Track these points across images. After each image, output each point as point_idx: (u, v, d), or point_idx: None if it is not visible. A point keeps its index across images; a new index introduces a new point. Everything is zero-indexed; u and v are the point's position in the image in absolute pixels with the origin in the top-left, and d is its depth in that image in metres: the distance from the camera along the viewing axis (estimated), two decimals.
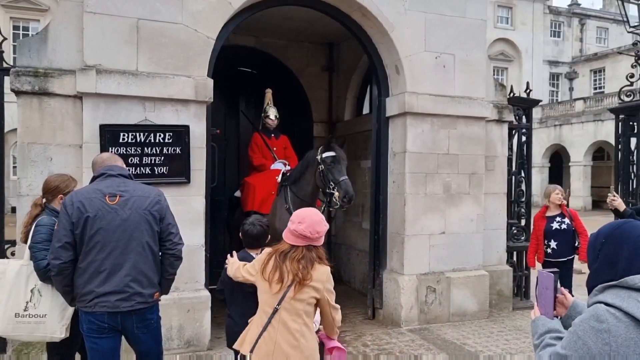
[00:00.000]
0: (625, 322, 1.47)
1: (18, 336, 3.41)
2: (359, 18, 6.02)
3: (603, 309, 1.52)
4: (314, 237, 2.73)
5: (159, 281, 3.21)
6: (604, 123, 25.78)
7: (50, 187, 3.44)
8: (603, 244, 1.68)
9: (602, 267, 1.66)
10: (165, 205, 3.24)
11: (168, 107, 5.00)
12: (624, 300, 1.50)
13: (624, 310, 1.48)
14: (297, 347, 2.67)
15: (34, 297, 3.26)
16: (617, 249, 1.64)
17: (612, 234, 1.68)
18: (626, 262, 1.59)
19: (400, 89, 6.10)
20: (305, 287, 2.68)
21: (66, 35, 4.85)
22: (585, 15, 35.89)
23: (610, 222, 1.79)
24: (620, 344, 1.45)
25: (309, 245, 2.74)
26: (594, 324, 1.50)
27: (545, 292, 1.92)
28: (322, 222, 2.78)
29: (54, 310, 3.25)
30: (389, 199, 6.32)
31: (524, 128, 7.29)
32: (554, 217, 5.79)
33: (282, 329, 2.68)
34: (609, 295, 1.55)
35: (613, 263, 1.63)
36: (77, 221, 2.98)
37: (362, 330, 5.94)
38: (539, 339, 1.78)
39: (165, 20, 4.98)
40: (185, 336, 5.04)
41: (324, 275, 2.74)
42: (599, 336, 1.48)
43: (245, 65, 8.25)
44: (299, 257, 2.70)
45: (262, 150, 6.70)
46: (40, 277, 3.21)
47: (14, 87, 4.68)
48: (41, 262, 3.16)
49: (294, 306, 2.69)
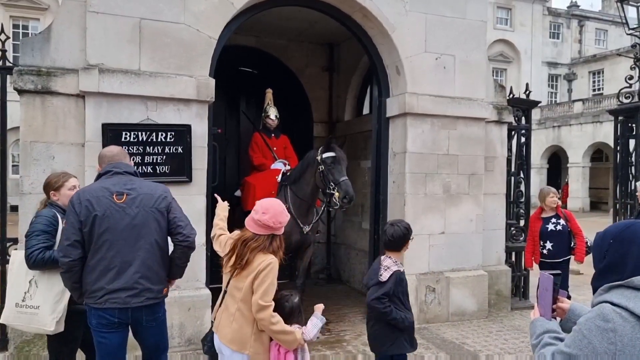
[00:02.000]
0: (632, 322, 1.48)
1: (18, 326, 3.49)
2: (360, 19, 6.05)
3: (609, 309, 1.52)
4: (277, 227, 2.88)
5: (168, 274, 3.26)
6: (603, 124, 25.83)
7: (44, 184, 3.60)
8: (611, 244, 1.68)
9: (609, 267, 1.65)
10: (172, 200, 3.29)
11: (170, 107, 5.03)
12: (630, 300, 1.51)
13: (631, 310, 1.49)
14: (230, 328, 2.87)
15: (32, 288, 3.33)
16: (626, 249, 1.63)
17: (621, 234, 1.67)
18: (634, 263, 1.59)
19: (400, 89, 6.13)
20: (242, 276, 2.84)
21: (69, 35, 4.87)
22: (584, 17, 35.96)
23: (617, 222, 1.79)
24: (626, 344, 1.46)
25: (271, 235, 2.87)
26: (600, 323, 1.50)
27: (545, 294, 1.92)
28: (284, 212, 2.93)
29: (46, 303, 3.31)
30: (389, 198, 6.35)
31: (523, 129, 7.33)
32: (550, 219, 5.82)
33: (225, 309, 2.95)
34: (615, 295, 1.55)
35: (621, 263, 1.62)
36: (86, 220, 3.01)
37: (362, 330, 5.95)
38: (537, 338, 1.79)
39: (168, 20, 5.01)
40: (186, 334, 5.06)
41: (262, 264, 2.80)
42: (605, 335, 1.48)
43: (246, 65, 8.28)
44: (259, 245, 2.83)
45: (262, 150, 6.72)
46: (28, 265, 3.27)
47: (16, 85, 4.70)
48: (27, 250, 3.25)
49: (232, 291, 2.90)
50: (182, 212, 3.33)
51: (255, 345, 2.86)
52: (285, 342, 2.86)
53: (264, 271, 2.79)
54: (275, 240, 2.89)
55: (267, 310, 2.79)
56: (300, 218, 5.63)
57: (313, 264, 8.56)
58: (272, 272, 2.82)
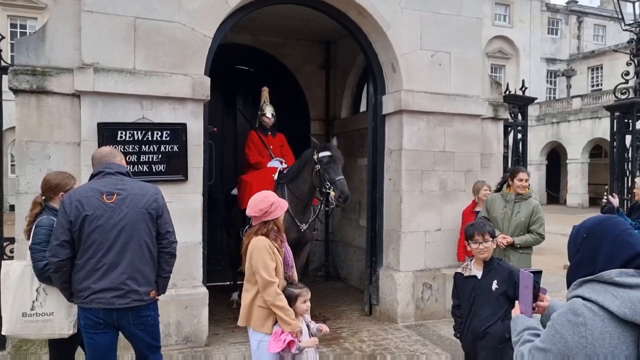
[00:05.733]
0: (601, 316, 1.50)
1: (26, 335, 3.43)
2: (355, 16, 6.05)
3: (580, 303, 1.54)
4: (261, 214, 3.30)
5: (156, 280, 3.24)
6: (602, 120, 25.84)
7: (50, 185, 3.42)
8: (584, 238, 1.69)
9: (582, 261, 1.67)
10: (163, 203, 3.28)
11: (165, 105, 5.03)
12: (600, 294, 1.53)
13: (600, 304, 1.51)
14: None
15: (40, 296, 3.30)
16: (598, 244, 1.64)
17: (594, 229, 1.69)
18: (606, 258, 1.60)
19: (396, 86, 6.13)
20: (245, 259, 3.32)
21: (64, 34, 4.87)
22: (582, 13, 35.95)
23: (592, 216, 1.79)
24: (596, 337, 1.48)
25: (263, 222, 3.30)
26: (571, 317, 1.53)
27: (525, 291, 1.93)
28: (263, 200, 3.32)
29: (61, 308, 3.29)
30: (385, 196, 6.36)
31: (520, 125, 7.34)
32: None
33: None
34: (586, 289, 1.57)
35: (593, 258, 1.64)
36: (75, 220, 3.02)
37: (359, 327, 5.99)
38: (518, 336, 1.80)
39: (162, 19, 5.01)
40: (183, 332, 5.08)
41: (250, 245, 3.27)
42: (576, 329, 1.50)
43: (242, 63, 8.27)
44: (252, 232, 3.34)
45: (258, 148, 6.72)
46: (38, 278, 3.24)
47: (12, 85, 4.70)
48: (39, 263, 3.19)
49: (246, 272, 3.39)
50: (170, 217, 3.32)
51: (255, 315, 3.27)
52: (282, 319, 3.18)
53: (253, 251, 3.23)
54: (267, 225, 3.30)
55: (272, 287, 3.17)
56: (297, 216, 5.64)
57: (311, 261, 8.58)
58: (258, 249, 3.21)
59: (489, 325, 3.39)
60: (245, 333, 5.52)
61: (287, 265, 3.43)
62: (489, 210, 5.18)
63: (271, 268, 3.19)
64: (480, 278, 3.46)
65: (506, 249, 4.86)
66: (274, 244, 3.29)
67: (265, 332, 3.25)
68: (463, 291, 3.55)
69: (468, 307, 3.50)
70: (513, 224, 4.93)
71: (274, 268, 3.22)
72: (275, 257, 3.26)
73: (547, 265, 8.80)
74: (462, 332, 3.58)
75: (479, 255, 3.47)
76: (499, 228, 4.91)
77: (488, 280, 3.44)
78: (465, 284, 3.53)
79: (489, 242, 3.44)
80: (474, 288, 3.46)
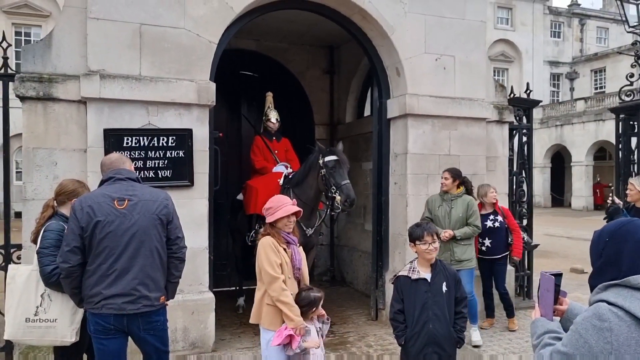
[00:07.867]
0: (627, 322, 1.47)
1: (28, 341, 3.42)
2: (359, 21, 6.06)
3: (605, 308, 1.51)
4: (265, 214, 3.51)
5: (165, 285, 3.25)
6: (605, 123, 25.77)
7: (66, 189, 3.43)
8: (607, 242, 1.67)
9: (606, 265, 1.65)
10: (173, 209, 3.29)
11: (171, 111, 5.05)
12: (626, 299, 1.50)
13: (626, 309, 1.48)
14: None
15: (44, 302, 3.29)
16: (621, 247, 1.63)
17: (616, 232, 1.67)
18: (629, 261, 1.59)
19: (400, 90, 6.14)
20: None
21: (70, 41, 4.90)
22: (585, 16, 35.92)
23: (614, 220, 1.78)
24: (621, 343, 1.45)
25: (268, 223, 3.47)
26: (596, 322, 1.50)
27: (545, 294, 1.91)
28: (268, 202, 3.53)
29: (64, 315, 3.28)
30: (390, 200, 6.35)
31: (525, 128, 7.32)
32: (488, 215, 5.84)
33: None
34: (611, 294, 1.55)
35: (616, 261, 1.62)
36: (87, 226, 3.02)
37: (366, 331, 5.97)
38: (538, 339, 1.78)
39: (168, 25, 5.03)
40: (190, 338, 5.07)
41: (258, 245, 3.42)
42: (601, 335, 1.48)
43: (246, 68, 8.30)
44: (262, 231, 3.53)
45: (263, 153, 6.73)
46: (44, 282, 3.24)
47: (18, 92, 4.73)
48: (46, 268, 3.19)
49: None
50: (180, 223, 3.33)
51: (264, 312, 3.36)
52: (287, 315, 3.25)
53: (259, 249, 3.37)
54: (270, 226, 3.46)
55: (277, 282, 3.25)
56: (303, 221, 5.62)
57: (316, 266, 8.56)
58: (262, 247, 3.34)
59: (446, 329, 3.29)
60: (251, 338, 5.53)
61: (294, 267, 3.47)
62: (431, 210, 5.55)
63: (276, 264, 3.28)
64: (430, 280, 3.34)
65: (449, 242, 5.31)
66: (280, 245, 3.39)
67: (273, 330, 3.32)
68: (412, 295, 3.34)
69: (419, 311, 3.29)
70: (453, 219, 5.39)
71: (279, 264, 3.31)
72: (280, 255, 3.35)
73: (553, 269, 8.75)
74: (410, 338, 3.31)
75: (427, 256, 3.35)
76: (442, 225, 5.34)
77: (438, 282, 3.34)
78: (414, 287, 3.34)
79: (437, 243, 3.37)
80: (427, 291, 3.31)
